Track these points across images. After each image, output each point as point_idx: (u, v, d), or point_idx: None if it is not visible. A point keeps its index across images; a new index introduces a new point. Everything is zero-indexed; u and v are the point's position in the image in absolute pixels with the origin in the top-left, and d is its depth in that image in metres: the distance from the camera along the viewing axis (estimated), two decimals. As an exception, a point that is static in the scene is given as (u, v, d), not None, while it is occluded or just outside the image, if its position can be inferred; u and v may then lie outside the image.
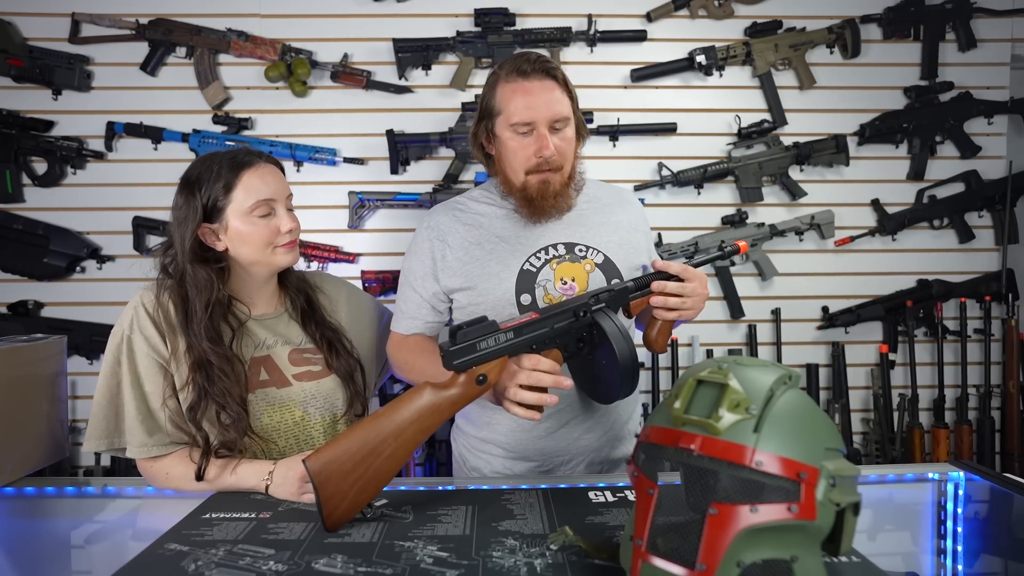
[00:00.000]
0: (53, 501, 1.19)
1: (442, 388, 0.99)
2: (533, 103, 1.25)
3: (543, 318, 1.05)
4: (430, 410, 0.98)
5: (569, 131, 1.30)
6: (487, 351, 1.00)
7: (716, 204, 2.33)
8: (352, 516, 0.94)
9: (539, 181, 1.28)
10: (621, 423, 1.38)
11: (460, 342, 0.99)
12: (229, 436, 1.12)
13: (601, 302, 1.10)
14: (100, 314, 2.24)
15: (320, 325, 1.27)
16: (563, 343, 1.07)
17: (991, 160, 2.38)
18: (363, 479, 0.93)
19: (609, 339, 1.03)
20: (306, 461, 0.93)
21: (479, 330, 1.00)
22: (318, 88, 2.27)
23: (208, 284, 1.15)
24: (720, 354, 2.31)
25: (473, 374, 0.99)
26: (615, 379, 1.05)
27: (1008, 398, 2.34)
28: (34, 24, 2.22)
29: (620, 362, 1.02)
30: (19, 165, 2.22)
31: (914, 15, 2.33)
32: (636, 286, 1.16)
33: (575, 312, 1.07)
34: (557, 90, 1.27)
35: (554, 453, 1.32)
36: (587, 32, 2.26)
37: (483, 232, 1.34)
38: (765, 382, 0.67)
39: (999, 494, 1.13)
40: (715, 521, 0.62)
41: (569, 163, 1.31)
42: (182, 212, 1.16)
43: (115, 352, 1.14)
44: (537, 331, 1.04)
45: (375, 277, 2.28)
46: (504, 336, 1.02)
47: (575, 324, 1.07)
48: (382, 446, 0.94)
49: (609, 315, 1.08)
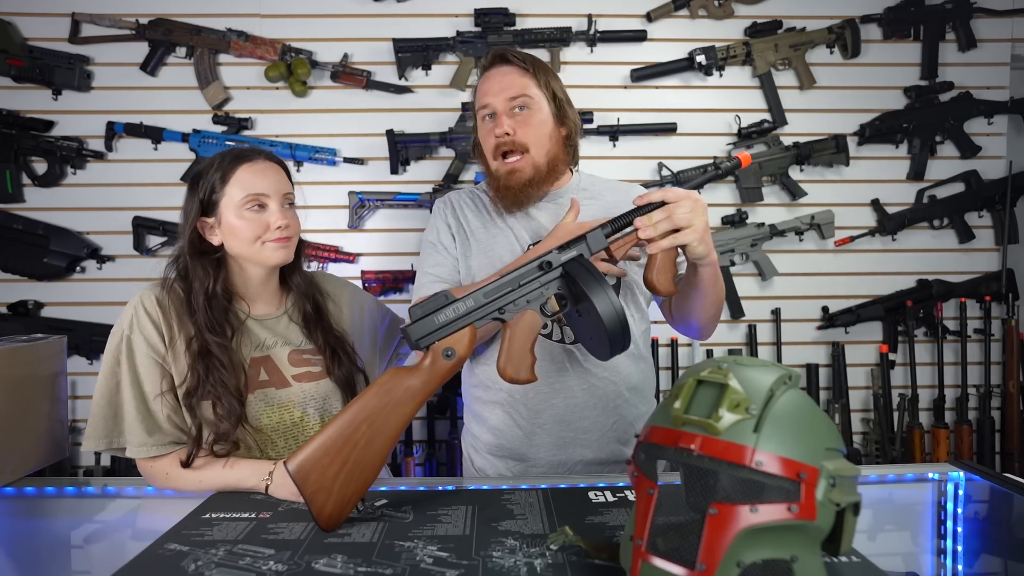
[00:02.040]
0: (53, 501, 1.19)
1: (409, 369, 0.97)
2: (489, 87, 1.30)
3: (505, 279, 0.99)
4: (400, 391, 0.95)
5: (534, 113, 1.28)
6: (446, 323, 0.96)
7: (716, 204, 2.33)
8: (345, 513, 0.93)
9: (507, 169, 1.29)
10: (628, 436, 1.35)
11: (415, 317, 0.95)
12: (223, 428, 1.12)
13: (570, 248, 1.01)
14: (100, 314, 2.24)
15: (326, 331, 1.27)
16: (536, 303, 1.01)
17: (991, 160, 2.38)
18: (344, 471, 0.92)
19: (587, 293, 0.95)
20: (285, 463, 0.92)
21: (432, 303, 0.96)
22: (318, 88, 2.27)
23: (205, 276, 1.17)
24: (720, 354, 2.31)
25: (437, 349, 0.96)
26: (603, 335, 0.97)
27: (1008, 398, 2.34)
28: (34, 24, 2.22)
29: (602, 316, 0.94)
30: (19, 165, 2.22)
31: (914, 15, 2.33)
32: (613, 228, 1.05)
33: (540, 266, 1.00)
34: (513, 73, 1.30)
35: (559, 463, 1.32)
36: (587, 32, 2.26)
37: (489, 219, 1.37)
38: (765, 382, 0.67)
39: (999, 494, 1.13)
40: (715, 521, 0.62)
41: (540, 146, 1.29)
42: (185, 206, 1.20)
43: (114, 352, 1.14)
44: (500, 293, 0.98)
45: (375, 277, 2.28)
46: (463, 305, 0.97)
47: (543, 278, 1.00)
48: (356, 434, 0.92)
49: (583, 264, 0.99)
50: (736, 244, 2.30)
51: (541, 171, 1.30)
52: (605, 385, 1.31)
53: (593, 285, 0.95)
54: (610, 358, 1.02)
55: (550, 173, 1.31)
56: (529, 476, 1.30)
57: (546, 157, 1.30)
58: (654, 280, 1.07)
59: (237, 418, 1.12)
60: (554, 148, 1.32)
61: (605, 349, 0.99)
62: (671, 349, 2.33)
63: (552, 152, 1.31)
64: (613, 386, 1.31)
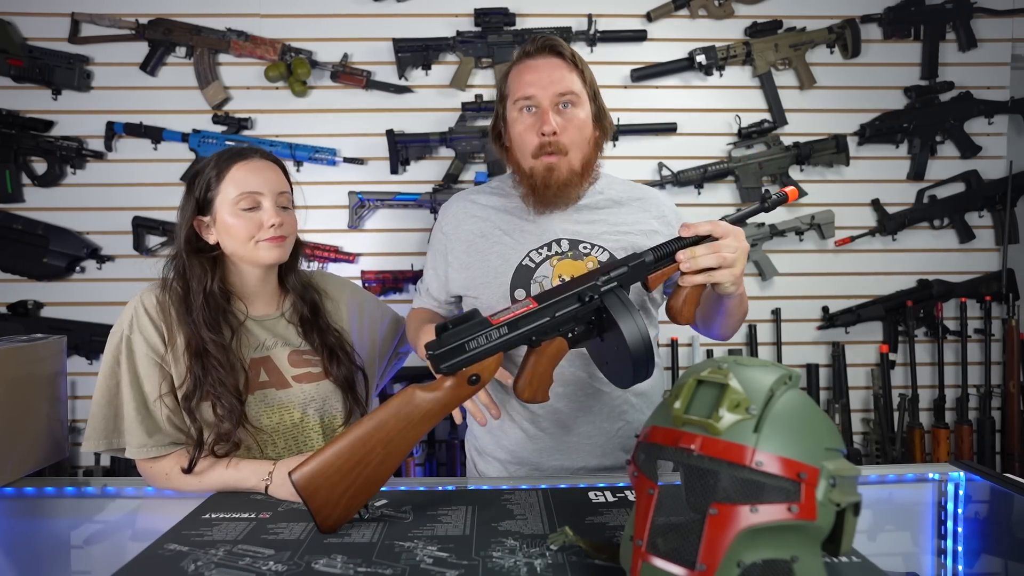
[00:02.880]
0: (53, 501, 1.19)
1: (430, 390, 0.94)
2: (535, 78, 1.22)
3: (542, 307, 0.96)
4: (419, 415, 0.93)
5: (579, 112, 1.23)
6: (477, 351, 0.92)
7: (716, 204, 2.33)
8: (348, 520, 0.93)
9: (544, 166, 1.22)
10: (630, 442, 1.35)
11: (446, 344, 0.91)
12: (224, 428, 1.11)
13: (612, 281, 0.98)
14: (100, 314, 2.24)
15: (323, 332, 1.26)
16: (567, 330, 0.98)
17: (991, 160, 2.38)
18: (354, 487, 0.91)
19: (618, 324, 0.93)
20: (291, 475, 0.91)
21: (467, 329, 0.92)
22: (318, 88, 2.27)
23: (203, 274, 1.16)
24: (720, 354, 2.31)
25: (464, 375, 0.94)
26: (627, 365, 0.95)
27: (1008, 398, 2.34)
28: (34, 24, 2.22)
29: (631, 348, 0.92)
30: (19, 165, 2.22)
31: (914, 15, 2.33)
32: (656, 258, 1.01)
33: (580, 297, 0.97)
34: (563, 67, 1.22)
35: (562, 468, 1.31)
36: (587, 32, 2.26)
37: (489, 224, 1.31)
38: (765, 382, 0.67)
39: (999, 494, 1.12)
40: (715, 521, 0.62)
41: (579, 149, 1.24)
42: (182, 204, 1.20)
43: (114, 352, 1.14)
44: (535, 322, 0.95)
45: (375, 277, 2.28)
46: (496, 332, 0.94)
47: (580, 310, 0.97)
48: (370, 455, 0.91)
49: (619, 295, 0.97)
50: (736, 244, 2.30)
51: (576, 175, 1.25)
52: (611, 390, 1.28)
53: (624, 315, 0.94)
54: (632, 385, 1.01)
55: (583, 176, 1.26)
56: (530, 477, 1.30)
57: (581, 160, 1.25)
58: (679, 311, 1.05)
59: (238, 418, 1.12)
60: (589, 151, 1.27)
61: (627, 376, 0.97)
62: (671, 349, 2.32)
63: (587, 155, 1.26)
64: (620, 392, 1.29)
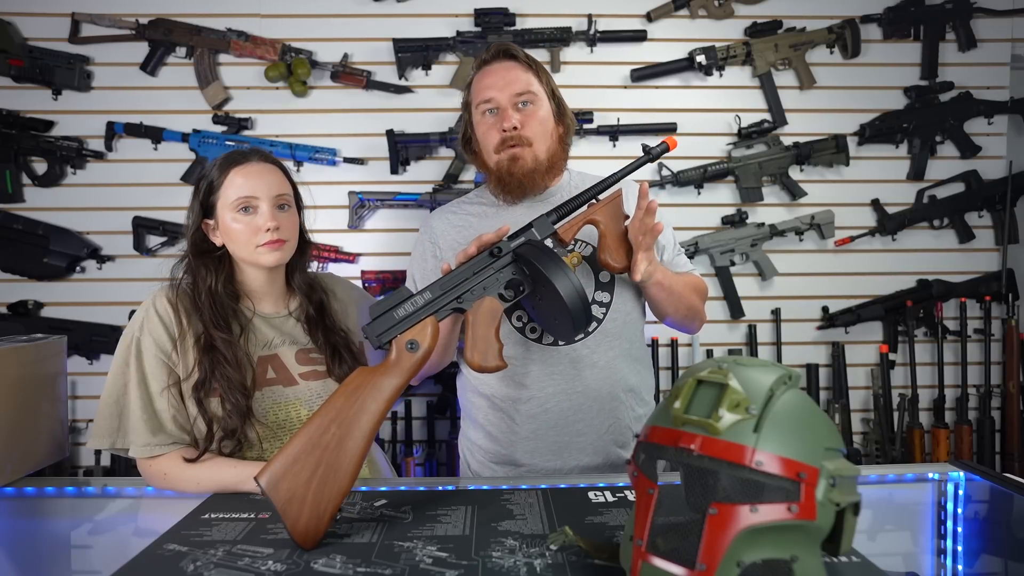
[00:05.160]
0: (53, 501, 1.19)
1: (377, 367, 0.96)
2: (492, 82, 1.31)
3: (460, 269, 1.02)
4: (368, 390, 0.93)
5: (538, 109, 1.31)
6: (406, 317, 0.98)
7: (716, 204, 2.34)
8: (323, 527, 0.86)
9: (508, 157, 1.29)
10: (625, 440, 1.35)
11: (376, 315, 0.98)
12: (231, 424, 1.12)
13: (519, 236, 1.05)
14: (100, 314, 2.24)
15: (328, 331, 1.27)
16: (494, 289, 1.03)
17: (991, 160, 2.38)
18: (317, 476, 0.88)
19: (543, 271, 0.97)
20: (256, 478, 0.89)
21: (392, 299, 0.98)
22: (318, 88, 2.27)
23: (208, 274, 1.19)
24: (720, 354, 2.31)
25: (400, 343, 0.96)
26: (564, 309, 1.00)
27: (1008, 398, 2.34)
28: (34, 24, 2.22)
29: (561, 292, 0.97)
30: (19, 165, 2.22)
31: (914, 15, 2.33)
32: (558, 214, 1.12)
33: (490, 253, 1.03)
34: (517, 69, 1.31)
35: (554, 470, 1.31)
36: (587, 32, 2.26)
37: (471, 232, 1.34)
38: (765, 382, 0.67)
39: (999, 494, 1.12)
40: (715, 521, 0.62)
41: (543, 141, 1.32)
42: (191, 207, 1.22)
43: (124, 354, 1.15)
44: (458, 283, 1.02)
45: (375, 277, 2.28)
46: (421, 298, 0.99)
47: (496, 265, 1.02)
48: (325, 436, 0.90)
49: (536, 246, 1.02)
50: (736, 244, 2.30)
51: (542, 165, 1.32)
52: (600, 387, 1.29)
53: (549, 264, 0.98)
54: (575, 336, 1.05)
55: (549, 169, 1.33)
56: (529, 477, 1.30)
57: (547, 152, 1.32)
58: (611, 256, 1.16)
59: (243, 414, 1.13)
60: (554, 145, 1.34)
61: (569, 327, 1.01)
62: (671, 349, 2.32)
63: (552, 148, 1.34)
64: (609, 388, 1.30)
